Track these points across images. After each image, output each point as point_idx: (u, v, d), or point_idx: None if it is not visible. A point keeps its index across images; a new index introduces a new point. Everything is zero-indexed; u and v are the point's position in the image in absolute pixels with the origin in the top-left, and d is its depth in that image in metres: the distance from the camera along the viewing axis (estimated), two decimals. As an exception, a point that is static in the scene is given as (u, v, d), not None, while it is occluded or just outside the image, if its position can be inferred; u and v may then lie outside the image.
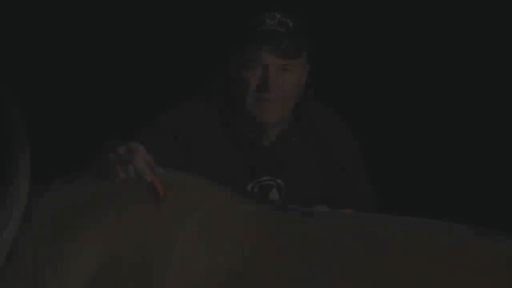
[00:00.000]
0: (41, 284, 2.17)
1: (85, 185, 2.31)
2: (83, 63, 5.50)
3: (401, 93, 5.33)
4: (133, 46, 5.50)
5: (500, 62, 5.13)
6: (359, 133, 3.03)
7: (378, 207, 2.96)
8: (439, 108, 5.33)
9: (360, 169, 3.03)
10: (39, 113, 4.91)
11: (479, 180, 5.09)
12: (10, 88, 2.19)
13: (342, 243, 2.28)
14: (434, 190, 5.06)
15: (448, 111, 5.31)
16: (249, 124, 2.83)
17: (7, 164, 2.14)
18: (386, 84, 5.32)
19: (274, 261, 2.25)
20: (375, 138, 4.59)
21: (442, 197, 4.89)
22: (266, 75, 2.74)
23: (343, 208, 2.75)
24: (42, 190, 2.30)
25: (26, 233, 2.20)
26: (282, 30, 2.76)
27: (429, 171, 5.23)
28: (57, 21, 5.45)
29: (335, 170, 2.96)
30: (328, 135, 2.96)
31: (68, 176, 2.36)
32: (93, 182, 2.32)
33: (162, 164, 2.35)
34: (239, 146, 2.86)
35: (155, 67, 5.47)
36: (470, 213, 2.79)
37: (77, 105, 5.42)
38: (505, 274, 2.23)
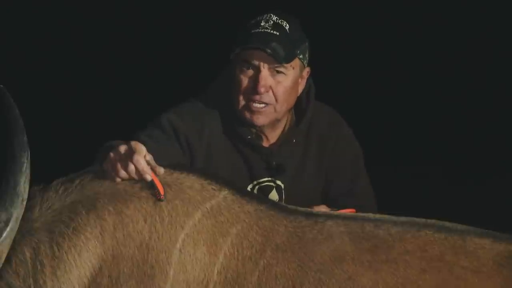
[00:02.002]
0: (41, 284, 2.17)
1: (85, 184, 2.31)
2: (83, 63, 5.51)
3: (401, 94, 5.34)
4: (133, 47, 5.51)
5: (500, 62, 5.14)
6: (359, 133, 3.03)
7: (378, 207, 2.95)
8: (439, 109, 5.34)
9: (360, 170, 3.02)
10: (39, 114, 4.93)
11: (479, 180, 5.10)
12: (10, 89, 2.19)
13: (342, 243, 2.28)
14: (434, 190, 5.06)
15: (448, 112, 5.31)
16: (244, 126, 2.83)
17: (7, 164, 2.14)
18: (386, 85, 5.33)
19: (274, 260, 2.25)
20: (375, 138, 4.60)
21: (442, 197, 4.90)
22: (257, 77, 2.74)
23: (343, 208, 2.75)
24: (42, 190, 2.30)
25: (26, 233, 2.20)
26: (276, 33, 2.75)
27: (428, 171, 5.23)
28: (57, 22, 5.45)
29: (335, 170, 2.96)
30: (328, 135, 2.96)
31: (68, 176, 2.36)
32: (93, 181, 2.32)
33: (163, 164, 2.35)
34: (239, 147, 2.86)
35: (156, 68, 5.48)
36: (470, 213, 2.79)
37: (77, 105, 5.43)
38: (505, 274, 2.23)
